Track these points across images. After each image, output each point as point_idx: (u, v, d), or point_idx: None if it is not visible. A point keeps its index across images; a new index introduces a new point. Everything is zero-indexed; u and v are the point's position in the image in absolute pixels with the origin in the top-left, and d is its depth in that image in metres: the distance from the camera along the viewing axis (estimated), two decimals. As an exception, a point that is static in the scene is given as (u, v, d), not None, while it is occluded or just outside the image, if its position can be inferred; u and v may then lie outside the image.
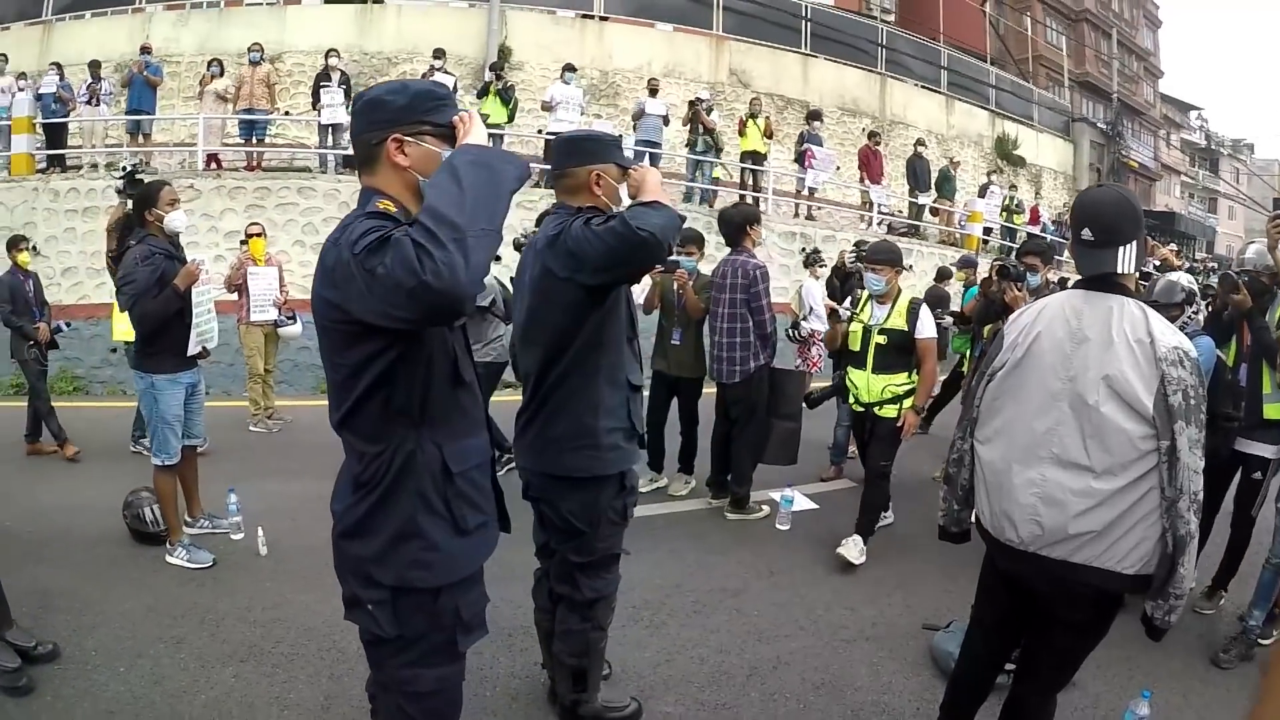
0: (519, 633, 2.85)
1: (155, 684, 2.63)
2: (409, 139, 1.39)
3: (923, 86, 16.83)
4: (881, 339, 3.64)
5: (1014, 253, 4.54)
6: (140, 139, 9.53)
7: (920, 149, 12.68)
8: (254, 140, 9.39)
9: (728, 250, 4.20)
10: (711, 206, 10.04)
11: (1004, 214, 13.43)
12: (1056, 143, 19.95)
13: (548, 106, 9.58)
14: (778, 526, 4.10)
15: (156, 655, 2.80)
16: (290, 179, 8.88)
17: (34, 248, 5.59)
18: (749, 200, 10.57)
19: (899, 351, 3.63)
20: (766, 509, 4.29)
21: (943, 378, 5.13)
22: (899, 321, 3.64)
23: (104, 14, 12.25)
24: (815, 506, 4.49)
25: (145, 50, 9.82)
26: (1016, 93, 19.17)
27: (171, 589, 3.34)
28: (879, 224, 11.79)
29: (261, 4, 12.51)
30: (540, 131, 9.99)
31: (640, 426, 2.14)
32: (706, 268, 4.48)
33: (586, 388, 2.00)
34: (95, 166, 9.27)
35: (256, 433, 5.96)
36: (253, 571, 3.51)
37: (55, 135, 9.18)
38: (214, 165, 9.09)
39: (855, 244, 5.19)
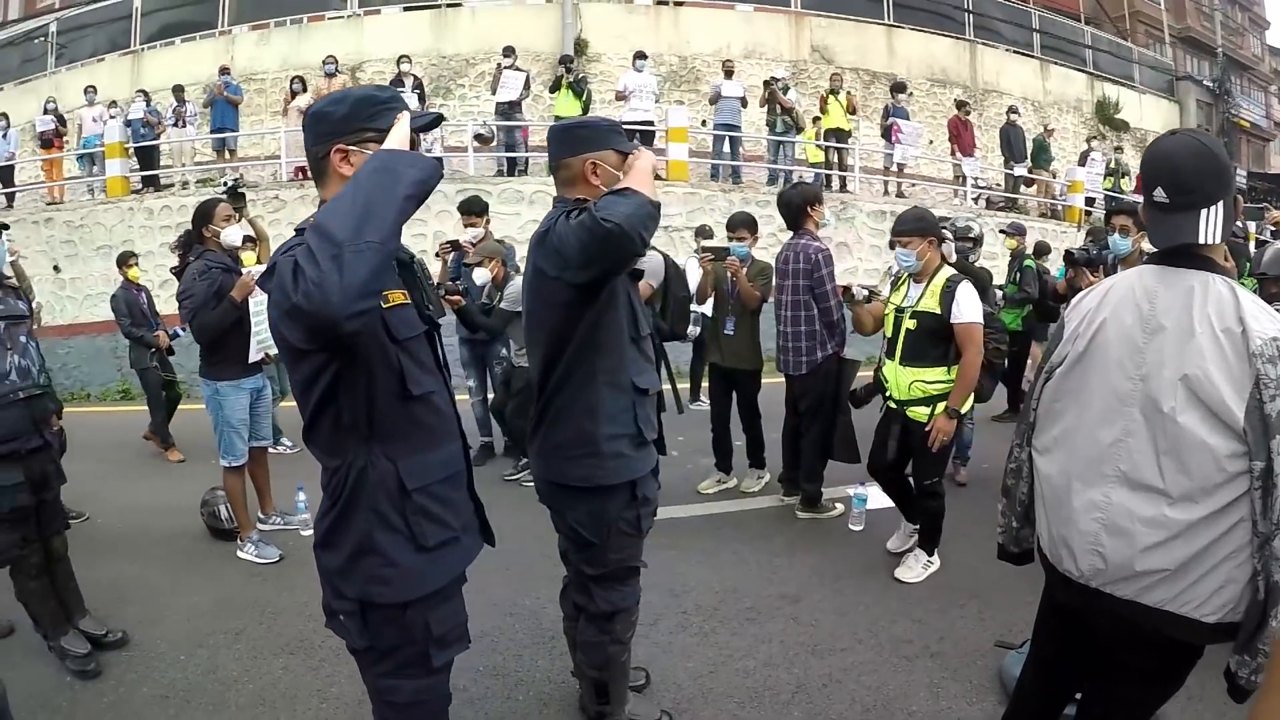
0: (560, 637, 2.83)
1: (209, 673, 2.83)
2: (352, 148, 1.42)
3: (1015, 51, 16.03)
4: (911, 323, 3.19)
5: (1105, 214, 4.08)
6: (227, 155, 10.34)
7: (1013, 116, 12.03)
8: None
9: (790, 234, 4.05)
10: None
11: (1109, 180, 12.45)
12: (1160, 104, 18.44)
13: (621, 96, 9.65)
14: (850, 527, 3.92)
15: (215, 645, 3.01)
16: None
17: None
18: (835, 180, 10.26)
19: (932, 339, 3.16)
20: (840, 507, 4.12)
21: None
22: (931, 303, 3.15)
23: (192, 39, 13.43)
24: (893, 505, 4.24)
25: (224, 71, 10.66)
26: (1115, 53, 17.95)
27: (237, 583, 3.57)
28: (973, 198, 11.28)
29: (342, 16, 13.30)
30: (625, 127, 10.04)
31: (650, 433, 2.05)
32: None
33: (585, 392, 1.94)
34: (186, 184, 10.14)
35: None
36: (315, 567, 3.70)
37: (146, 157, 10.10)
38: (300, 176, 9.73)
39: (940, 220, 4.87)
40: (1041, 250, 6.58)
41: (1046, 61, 16.27)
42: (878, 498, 4.22)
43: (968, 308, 3.10)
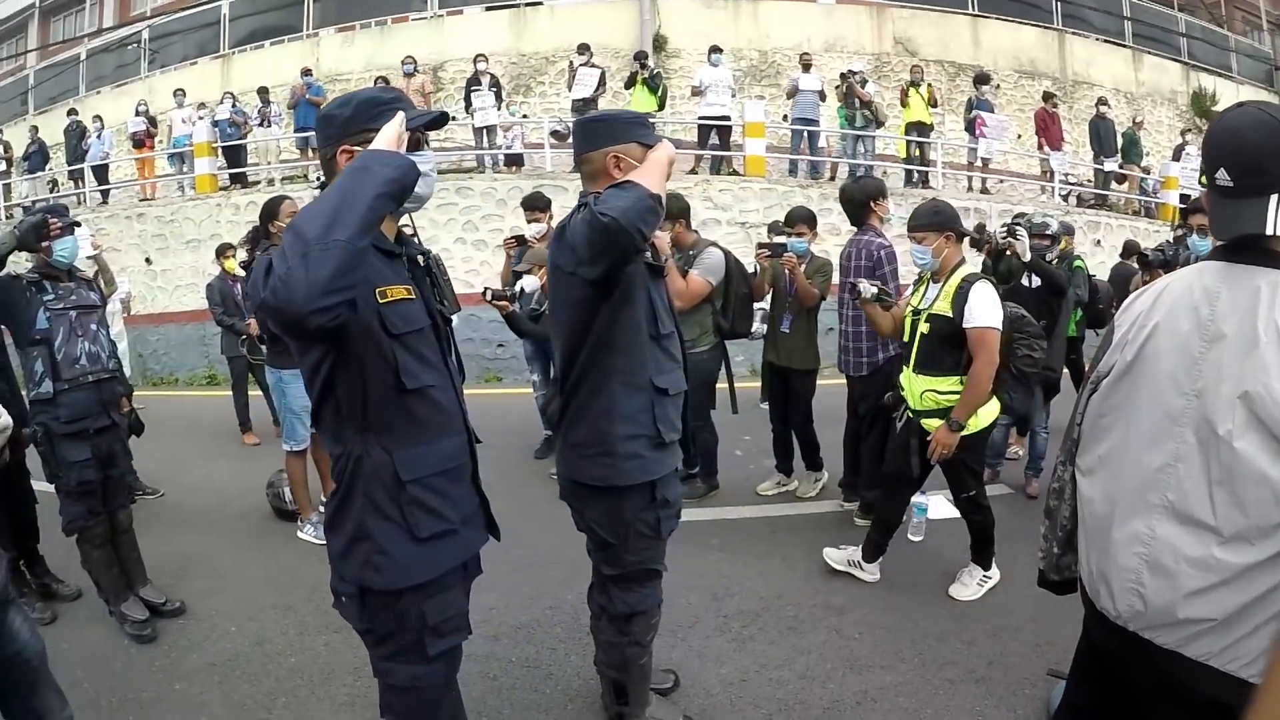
0: (593, 633, 2.87)
1: (256, 644, 3.00)
2: (357, 148, 1.46)
3: (1106, 40, 15.08)
4: (925, 327, 3.02)
5: (1181, 214, 3.71)
6: (310, 153, 10.91)
7: (1103, 108, 11.32)
8: (412, 146, 10.38)
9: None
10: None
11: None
12: (1260, 95, 16.74)
13: (698, 91, 9.65)
14: (909, 537, 3.76)
15: (264, 619, 3.18)
16: (448, 180, 9.67)
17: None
18: (917, 175, 9.94)
19: (945, 345, 2.97)
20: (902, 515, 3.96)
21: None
22: (944, 305, 2.96)
23: (280, 42, 14.19)
24: (958, 515, 4.05)
25: (306, 73, 11.25)
26: (1211, 41, 16.57)
27: (294, 561, 3.76)
28: (1061, 195, 10.70)
29: (424, 17, 13.82)
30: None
31: (671, 434, 2.03)
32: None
33: (601, 391, 1.94)
34: (271, 181, 10.76)
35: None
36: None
37: (234, 156, 10.77)
38: None
39: (1015, 216, 4.61)
40: (1130, 250, 6.22)
41: (1139, 51, 15.30)
42: (939, 508, 4.06)
43: (981, 310, 2.90)
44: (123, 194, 11.53)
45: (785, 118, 10.40)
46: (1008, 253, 4.06)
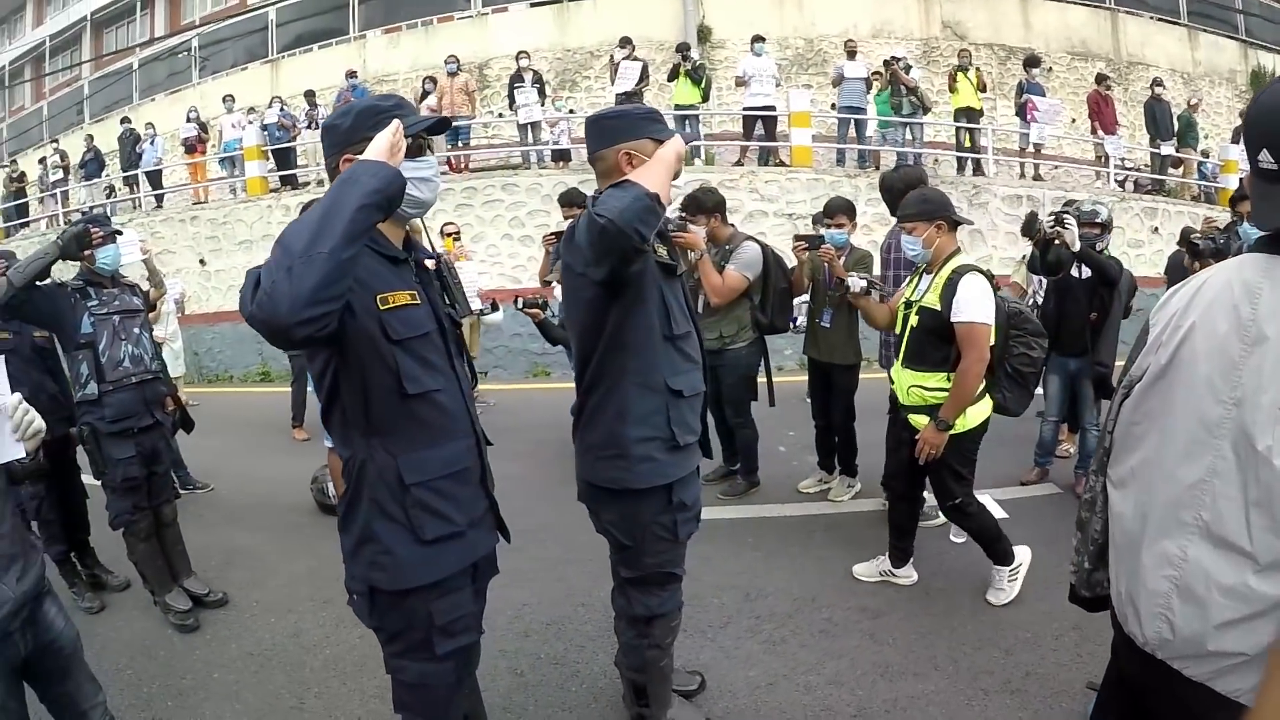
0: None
1: (293, 636, 3.10)
2: (358, 157, 1.47)
3: (1160, 19, 14.46)
4: (915, 320, 2.93)
5: (1230, 198, 3.44)
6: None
7: (1158, 90, 10.84)
8: (458, 145, 10.56)
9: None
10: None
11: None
12: None
13: (741, 82, 9.57)
14: (952, 539, 3.67)
15: (303, 612, 3.28)
16: (494, 177, 9.84)
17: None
18: (968, 163, 9.67)
19: (933, 339, 2.87)
20: (944, 516, 3.86)
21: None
22: (934, 298, 2.86)
23: (328, 45, 14.60)
24: (1004, 515, 3.92)
25: (351, 75, 11.53)
26: (1269, 17, 15.66)
27: (334, 555, 3.71)
28: (1117, 181, 10.30)
29: (469, 15, 14.03)
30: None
31: (686, 436, 2.00)
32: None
33: (614, 392, 1.93)
34: (321, 182, 11.03)
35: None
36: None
37: (283, 158, 11.12)
38: None
39: (1065, 204, 4.41)
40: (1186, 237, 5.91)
41: (1195, 29, 14.65)
42: (989, 507, 3.94)
43: (969, 304, 2.77)
44: (176, 198, 12.04)
45: (833, 106, 10.24)
46: (1056, 242, 3.91)
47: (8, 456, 1.67)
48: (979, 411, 2.93)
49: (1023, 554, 3.17)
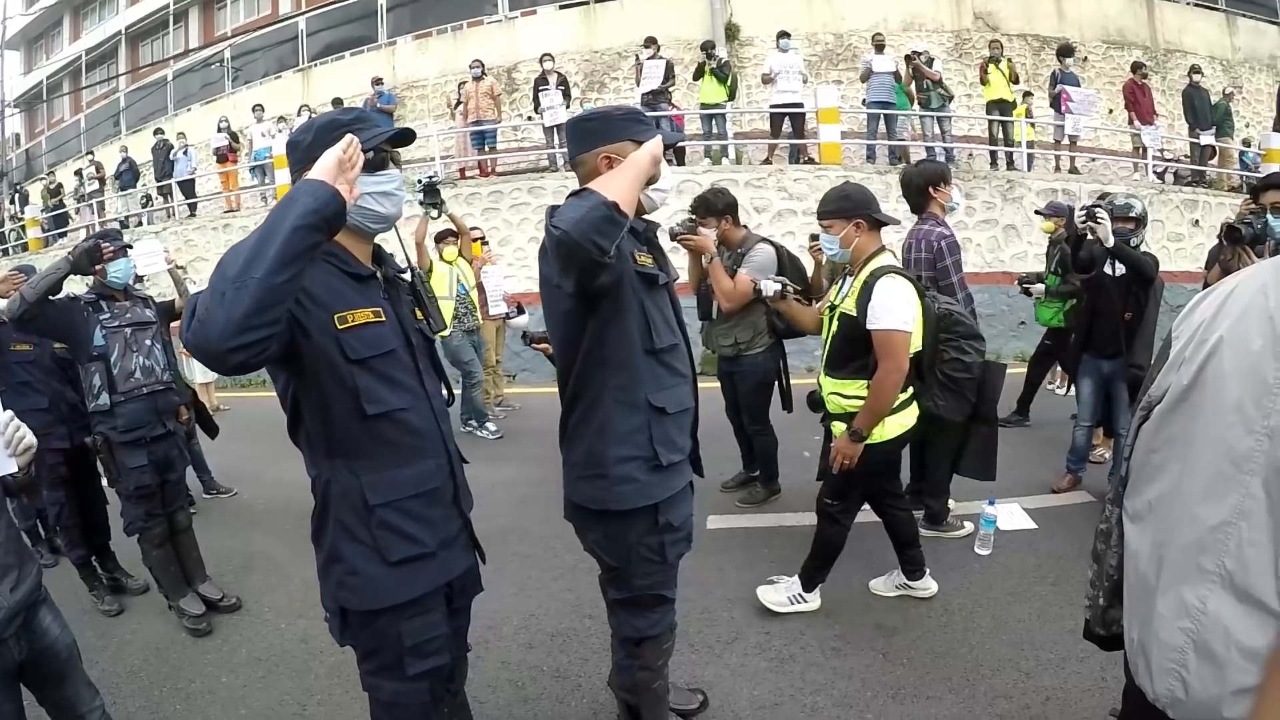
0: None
1: (302, 642, 3.13)
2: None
3: (1197, 5, 13.96)
4: (834, 326, 2.80)
5: (1251, 189, 3.22)
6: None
7: (1196, 77, 10.46)
8: (485, 149, 10.65)
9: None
10: (957, 165, 9.23)
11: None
12: None
13: (768, 79, 9.47)
14: (976, 551, 3.54)
15: (312, 617, 3.27)
16: (520, 180, 9.88)
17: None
18: (1001, 156, 9.44)
19: (851, 346, 2.72)
20: (969, 527, 3.73)
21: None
22: (850, 303, 2.71)
23: (360, 52, 14.80)
24: (1033, 526, 3.79)
25: (377, 82, 11.62)
26: None
27: None
28: (1156, 172, 9.94)
29: (498, 19, 14.13)
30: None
31: (671, 455, 1.91)
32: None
33: (595, 409, 1.86)
34: (348, 187, 11.28)
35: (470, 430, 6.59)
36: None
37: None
38: (462, 176, 10.49)
39: (1099, 197, 4.24)
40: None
41: (1233, 14, 14.12)
42: (1011, 518, 3.83)
43: (884, 310, 2.59)
44: (209, 206, 12.31)
45: (864, 102, 10.10)
46: (1088, 238, 3.77)
47: (1, 472, 1.70)
48: (899, 423, 2.78)
49: (814, 601, 3.11)
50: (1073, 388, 4.34)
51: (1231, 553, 1.00)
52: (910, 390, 2.79)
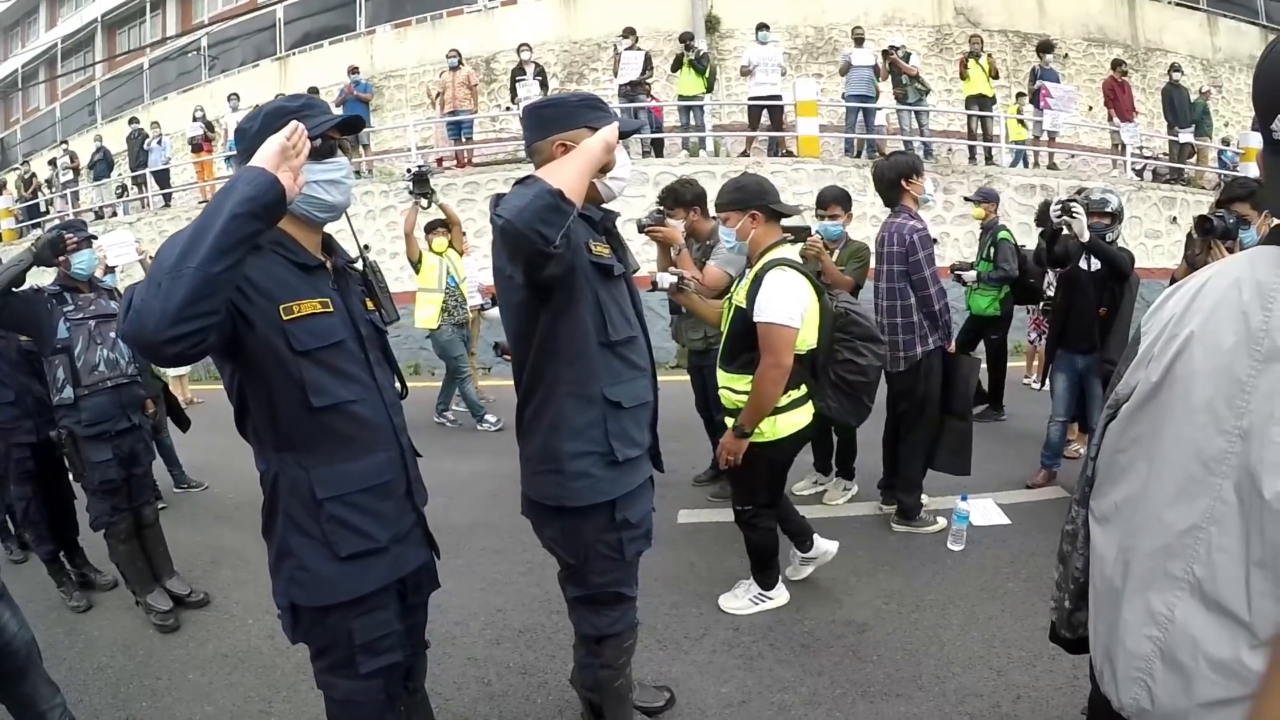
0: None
1: (269, 638, 3.08)
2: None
3: (1178, 4, 14.17)
4: (730, 318, 2.76)
5: (1218, 199, 3.22)
6: (361, 150, 11.20)
7: (1175, 75, 10.67)
8: (462, 139, 10.55)
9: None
10: (936, 160, 9.27)
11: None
12: None
13: (746, 71, 9.44)
14: (949, 546, 3.56)
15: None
16: (497, 171, 9.80)
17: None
18: (980, 150, 9.51)
19: (744, 340, 2.65)
20: (942, 522, 3.74)
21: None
22: (741, 295, 2.65)
23: (338, 40, 14.60)
24: (1006, 521, 3.81)
25: (353, 71, 11.49)
26: None
27: None
28: (1135, 169, 10.08)
29: (478, 9, 13.98)
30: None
31: (628, 451, 1.87)
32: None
33: (549, 403, 1.83)
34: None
35: (454, 411, 6.54)
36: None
37: (289, 154, 11.22)
38: (439, 165, 10.39)
39: (1076, 192, 4.26)
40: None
41: (1214, 14, 14.37)
42: (984, 514, 3.85)
43: (768, 304, 2.53)
44: (184, 197, 12.14)
45: (844, 96, 10.11)
46: (1064, 232, 3.79)
47: None
48: (790, 421, 2.72)
49: (780, 596, 3.09)
50: (1047, 382, 4.36)
51: (1201, 559, 0.96)
52: (804, 389, 2.75)
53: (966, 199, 5.90)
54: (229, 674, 2.85)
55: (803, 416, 2.76)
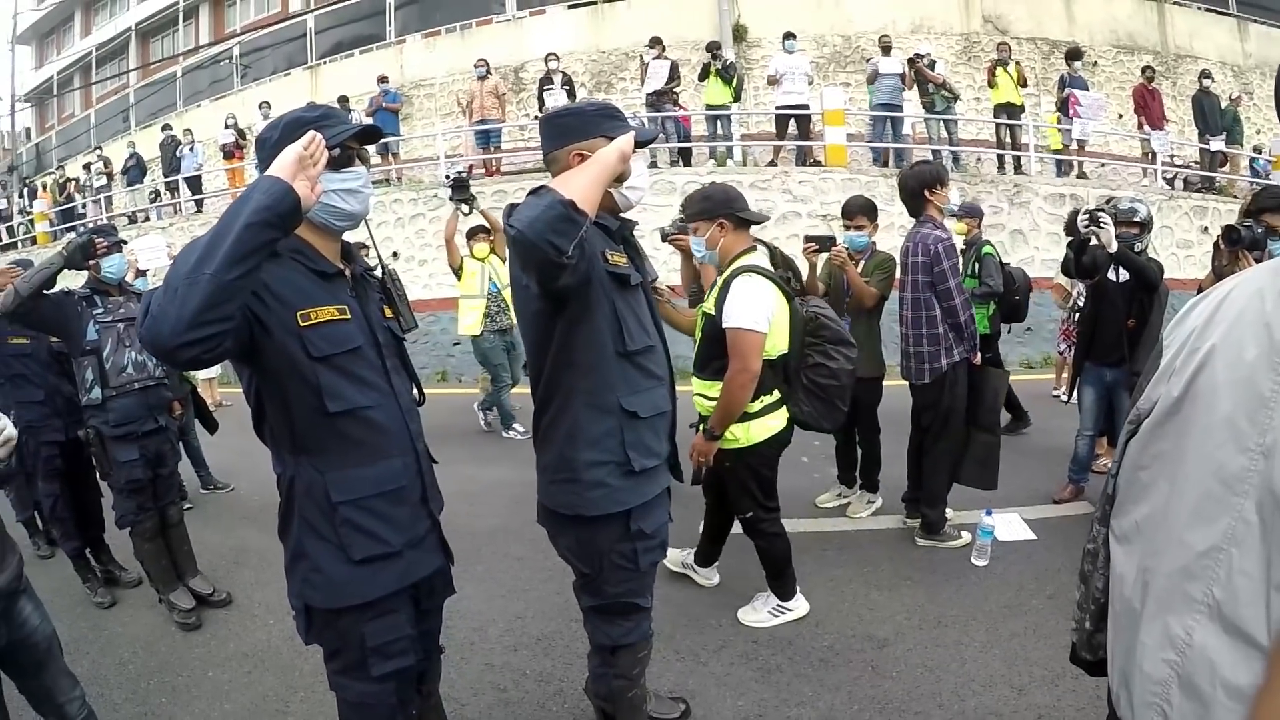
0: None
1: (288, 639, 3.10)
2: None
3: (1209, 9, 13.90)
4: (701, 326, 2.79)
5: (1246, 209, 3.11)
6: (390, 158, 11.36)
7: (1206, 82, 10.44)
8: (490, 148, 10.65)
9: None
10: (965, 169, 9.21)
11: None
12: None
13: (773, 80, 9.43)
14: (973, 561, 3.50)
15: (301, 615, 3.31)
16: (526, 180, 9.83)
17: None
18: (1009, 159, 9.40)
19: (714, 346, 2.69)
20: (967, 536, 3.69)
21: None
22: (710, 303, 2.70)
23: (368, 50, 14.84)
24: (1032, 537, 3.74)
25: (382, 80, 11.64)
26: None
27: None
28: (1166, 178, 9.91)
29: (507, 19, 14.14)
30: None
31: (645, 461, 1.87)
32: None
33: (565, 412, 1.83)
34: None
35: (478, 416, 6.59)
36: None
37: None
38: (468, 172, 10.47)
39: (1105, 201, 4.18)
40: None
41: (1245, 19, 14.07)
42: (1009, 528, 3.78)
43: (735, 309, 2.57)
44: (216, 202, 12.36)
45: (871, 104, 10.06)
46: (1092, 243, 3.73)
47: None
48: (765, 426, 2.75)
49: (800, 606, 3.07)
50: (1075, 395, 4.29)
51: (1221, 581, 0.92)
52: (777, 394, 2.78)
53: (952, 214, 5.79)
54: (248, 673, 2.89)
55: (776, 421, 2.80)
